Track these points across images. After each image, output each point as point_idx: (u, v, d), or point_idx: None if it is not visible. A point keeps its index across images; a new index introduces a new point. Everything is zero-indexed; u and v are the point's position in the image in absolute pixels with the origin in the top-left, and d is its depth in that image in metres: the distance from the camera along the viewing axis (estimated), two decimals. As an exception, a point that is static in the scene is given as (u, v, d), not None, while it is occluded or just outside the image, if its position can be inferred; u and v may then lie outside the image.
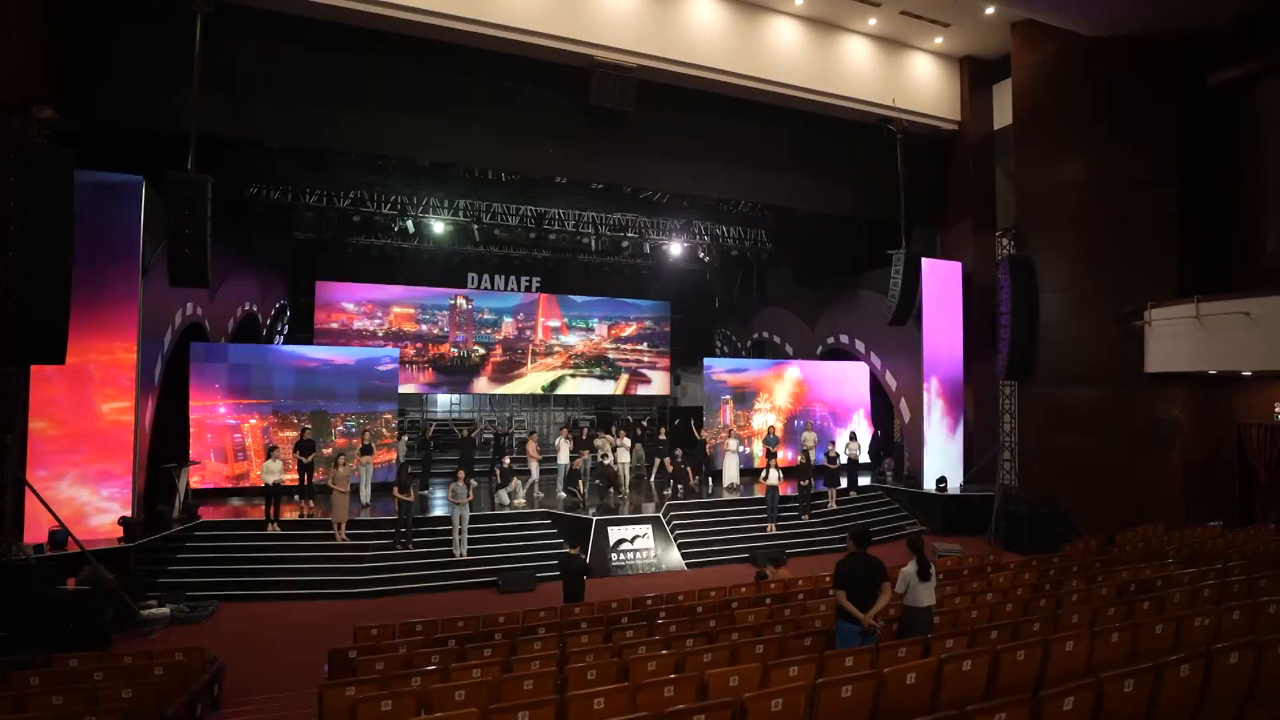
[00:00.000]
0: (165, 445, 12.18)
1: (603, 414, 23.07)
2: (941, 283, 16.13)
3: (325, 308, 19.95)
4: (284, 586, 10.53)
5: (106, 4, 10.62)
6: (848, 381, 18.78)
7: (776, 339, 21.57)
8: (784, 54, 14.43)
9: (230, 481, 13.75)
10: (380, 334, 20.50)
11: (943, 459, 15.85)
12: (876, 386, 18.30)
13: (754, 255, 20.25)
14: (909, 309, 15.28)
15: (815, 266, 20.28)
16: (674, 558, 12.44)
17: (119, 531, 9.83)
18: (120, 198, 10.13)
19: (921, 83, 16.02)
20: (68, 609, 8.04)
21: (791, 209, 17.05)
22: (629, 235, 18.85)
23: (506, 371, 21.77)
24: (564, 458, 14.50)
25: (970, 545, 13.56)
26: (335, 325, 20.07)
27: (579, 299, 22.73)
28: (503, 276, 22.09)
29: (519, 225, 17.81)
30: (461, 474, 11.58)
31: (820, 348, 19.60)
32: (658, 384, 23.70)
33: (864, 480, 16.64)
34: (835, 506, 14.98)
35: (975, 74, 16.45)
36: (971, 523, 14.68)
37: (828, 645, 5.53)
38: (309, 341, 19.41)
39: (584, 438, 15.33)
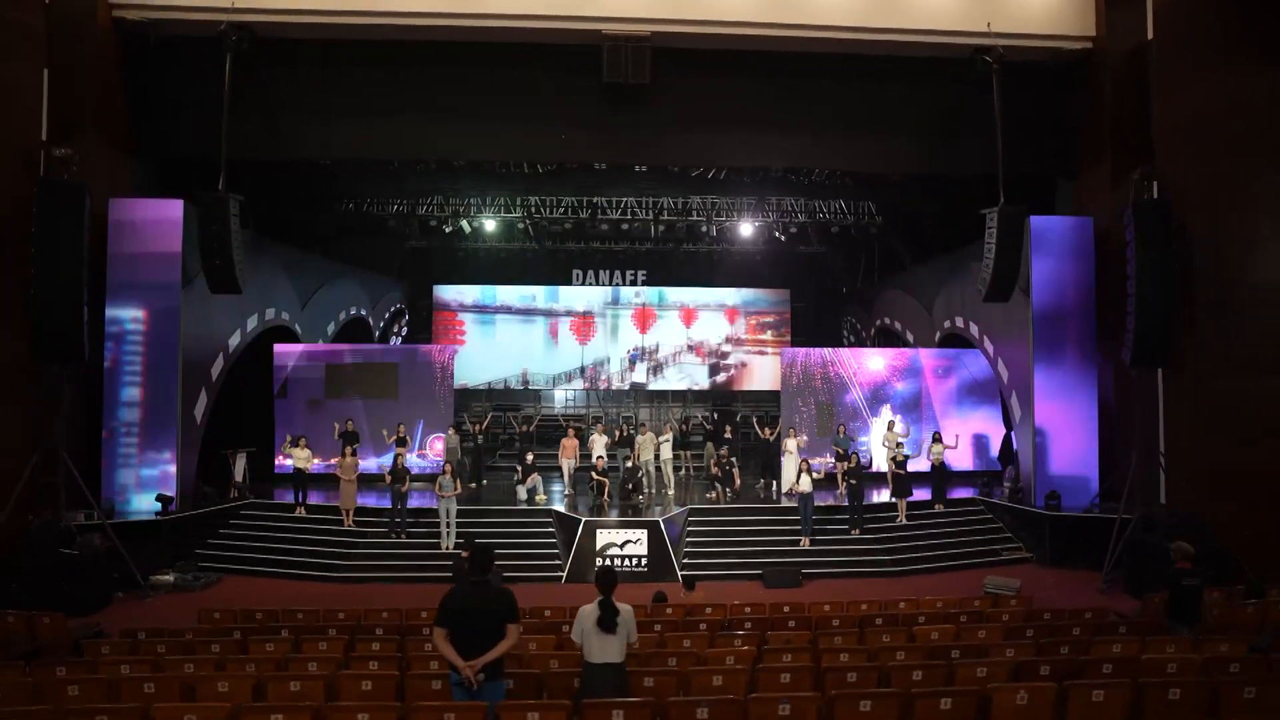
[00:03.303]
0: (239, 434, 13.89)
1: (721, 409, 21.92)
2: (1064, 245, 12.77)
3: (440, 309, 21.46)
4: (288, 565, 11.42)
5: (168, 49, 12.27)
6: (964, 373, 15.66)
7: (898, 325, 18.69)
8: (832, -9, 12.36)
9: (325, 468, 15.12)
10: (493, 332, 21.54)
11: (1069, 468, 12.51)
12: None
13: (859, 232, 17.78)
14: (1010, 280, 12.14)
15: (928, 240, 17.17)
16: (670, 568, 11.29)
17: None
18: (164, 218, 11.69)
19: (1028, -4, 12.73)
20: (65, 571, 9.42)
21: (872, 174, 14.66)
22: (694, 217, 17.64)
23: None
24: (598, 454, 13.89)
25: (1074, 585, 10.58)
26: (450, 326, 21.49)
27: (686, 290, 21.81)
28: (607, 271, 21.93)
29: (589, 217, 17.52)
30: (448, 467, 11.62)
31: (938, 333, 16.59)
32: (776, 378, 21.86)
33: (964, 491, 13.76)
34: (906, 521, 12.53)
35: (1116, -27, 12.68)
36: (1092, 552, 11.37)
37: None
38: (428, 341, 20.98)
39: (624, 435, 14.59)
